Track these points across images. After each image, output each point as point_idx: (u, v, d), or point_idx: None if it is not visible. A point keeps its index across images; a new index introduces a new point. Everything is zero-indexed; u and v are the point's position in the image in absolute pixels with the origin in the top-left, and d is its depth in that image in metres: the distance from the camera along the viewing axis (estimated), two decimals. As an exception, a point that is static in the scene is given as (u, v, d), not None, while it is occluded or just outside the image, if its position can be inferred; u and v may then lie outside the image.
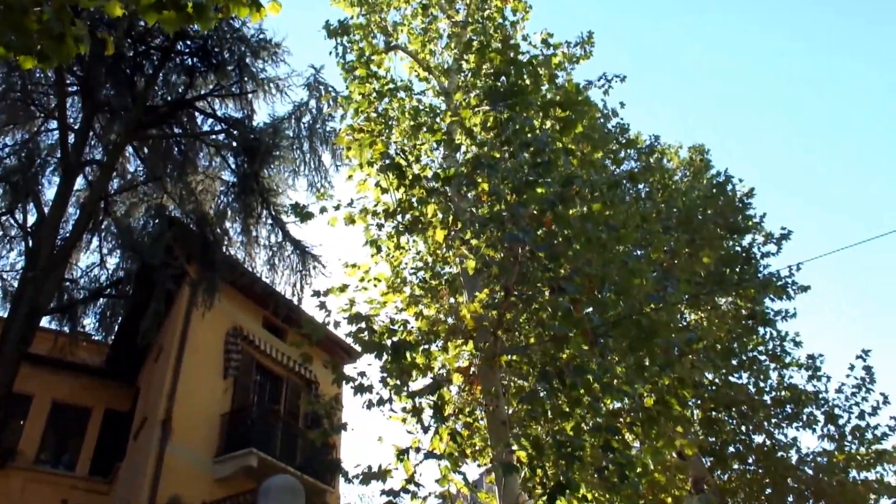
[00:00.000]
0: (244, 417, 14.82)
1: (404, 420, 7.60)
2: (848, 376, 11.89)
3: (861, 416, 11.53)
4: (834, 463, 11.25)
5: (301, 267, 13.64)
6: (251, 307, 16.68)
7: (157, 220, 13.94)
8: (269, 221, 13.76)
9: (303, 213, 7.73)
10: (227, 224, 13.86)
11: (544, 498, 5.91)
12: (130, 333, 14.64)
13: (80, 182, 13.35)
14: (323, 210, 8.26)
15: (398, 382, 6.93)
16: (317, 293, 7.65)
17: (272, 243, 13.93)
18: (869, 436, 11.35)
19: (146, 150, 14.13)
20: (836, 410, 11.69)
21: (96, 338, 16.56)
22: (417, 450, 6.61)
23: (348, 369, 7.29)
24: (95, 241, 14.36)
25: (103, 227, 14.01)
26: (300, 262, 13.67)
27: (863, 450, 11.35)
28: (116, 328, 15.71)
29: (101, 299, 14.43)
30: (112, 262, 14.46)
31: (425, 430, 7.04)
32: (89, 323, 15.01)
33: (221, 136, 13.95)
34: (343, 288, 8.20)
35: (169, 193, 13.96)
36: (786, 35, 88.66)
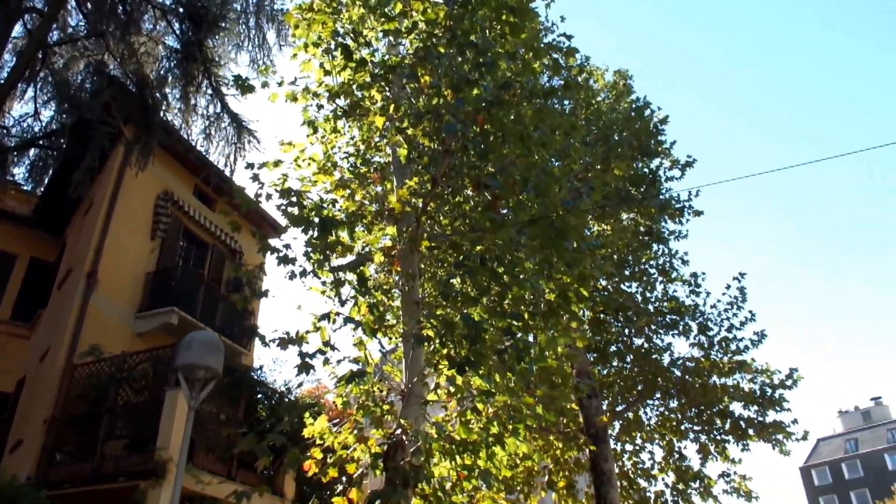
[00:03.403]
0: (168, 278, 14.56)
1: (324, 293, 7.62)
2: (724, 294, 12.59)
3: (729, 329, 12.27)
4: (700, 368, 12.01)
5: (236, 140, 13.15)
6: (183, 174, 16.10)
7: (96, 77, 13.04)
8: (209, 92, 13.10)
9: (244, 86, 7.37)
10: (167, 90, 13.12)
11: (448, 371, 6.10)
12: (61, 186, 13.95)
13: (18, 29, 12.30)
14: (265, 85, 7.91)
15: (321, 257, 6.88)
16: (250, 165, 7.42)
17: (210, 114, 13.33)
18: (733, 347, 12.12)
19: (90, 4, 13.03)
20: (709, 323, 12.39)
21: (26, 188, 15.72)
22: (334, 320, 6.65)
23: (274, 242, 7.15)
24: (31, 92, 13.37)
25: (40, 77, 13.02)
26: (236, 135, 13.17)
27: (726, 359, 12.13)
28: (47, 180, 14.93)
29: (33, 150, 13.60)
30: (47, 114, 13.54)
31: (342, 303, 7.08)
32: (19, 173, 14.20)
33: (168, 0, 13.01)
34: (277, 163, 7.98)
35: (110, 52, 13.00)
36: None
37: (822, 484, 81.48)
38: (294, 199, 6.95)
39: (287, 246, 7.00)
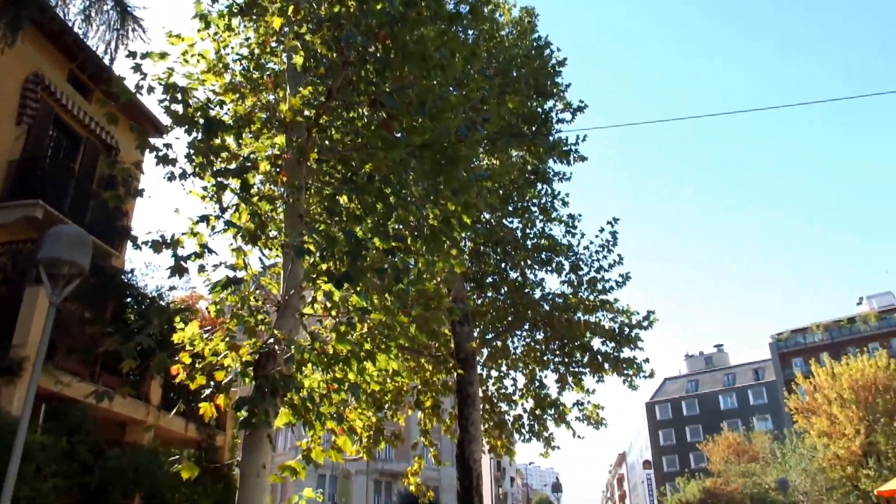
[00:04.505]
0: (35, 168, 13.47)
1: (204, 198, 7.29)
2: (597, 237, 13.16)
3: (598, 270, 12.89)
4: (567, 304, 12.60)
5: (119, 26, 12.06)
6: (58, 58, 14.72)
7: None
8: (90, -33, 11.90)
9: (130, -35, 6.76)
10: (41, -41, 11.81)
11: (326, 286, 6.06)
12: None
13: None
14: (154, -33, 7.28)
15: (204, 161, 6.56)
16: (132, 54, 6.83)
17: (90, -7, 12.13)
18: (599, 287, 12.77)
19: None
20: (581, 263, 12.96)
21: None
22: (213, 227, 6.40)
23: (155, 141, 6.71)
24: None
25: None
26: (119, 20, 12.06)
27: (592, 297, 12.78)
28: None
29: None
30: None
31: (223, 209, 6.81)
32: None
33: None
34: (163, 56, 7.38)
35: None
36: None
37: (664, 419, 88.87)
38: (179, 96, 6.52)
39: (168, 146, 6.60)
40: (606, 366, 12.64)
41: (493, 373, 13.93)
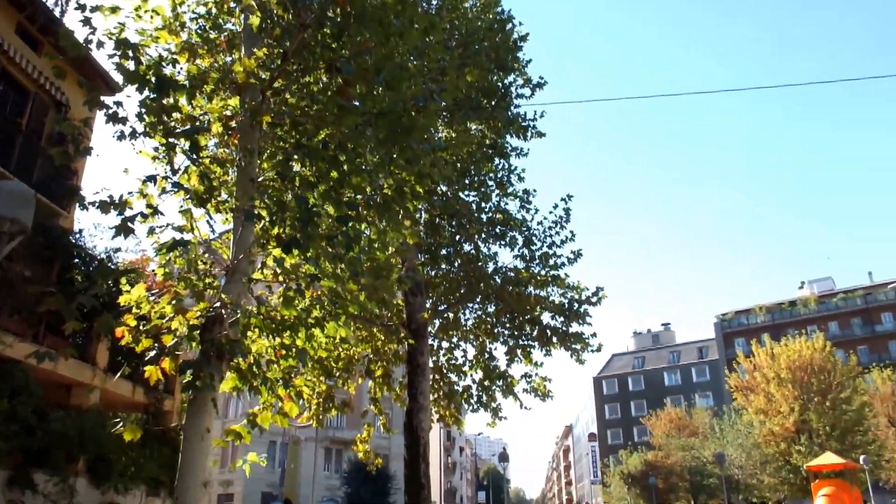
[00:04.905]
0: (-21, 121, 12.96)
1: (155, 158, 7.09)
2: (551, 212, 13.22)
3: (551, 245, 12.98)
4: (519, 278, 12.69)
5: (70, -23, 11.60)
6: (5, 9, 14.07)
7: None
8: (40, -85, 11.37)
9: (80, -89, 6.44)
10: None
11: (276, 252, 5.98)
12: None
13: None
14: (107, -88, 6.94)
15: (156, 120, 6.37)
16: (82, 6, 6.57)
17: (39, -58, 11.61)
18: (551, 262, 12.88)
19: None
20: (534, 238, 13.03)
21: None
22: (163, 188, 6.24)
23: (106, 99, 6.48)
24: None
25: None
26: (70, -29, 11.61)
27: (543, 272, 12.89)
28: None
29: None
30: None
31: (174, 171, 6.65)
32: None
33: None
34: (115, 10, 7.11)
35: None
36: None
37: (610, 393, 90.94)
38: (130, 53, 6.30)
39: (118, 103, 6.39)
40: (555, 340, 12.81)
41: (444, 344, 14.01)
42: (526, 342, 13.14)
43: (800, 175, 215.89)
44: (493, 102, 12.57)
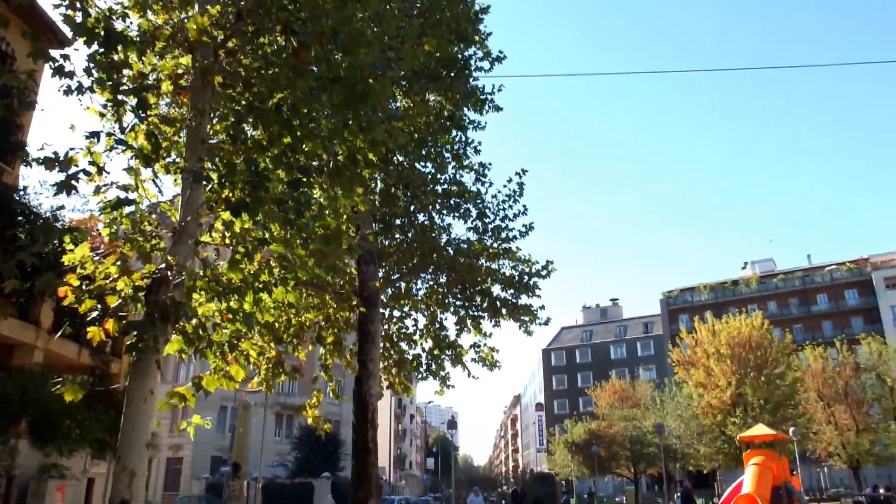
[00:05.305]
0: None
1: (103, 115, 6.85)
2: (505, 186, 13.25)
3: (503, 219, 13.04)
4: (471, 250, 12.73)
5: (15, -78, 10.97)
6: (-56, -49, 13.32)
7: None
8: None
9: None
10: None
11: (225, 215, 5.85)
12: None
13: None
14: None
15: (104, 76, 6.13)
16: (27, -47, 6.25)
17: None
18: (503, 235, 12.95)
19: None
20: (487, 211, 13.06)
21: None
22: (111, 146, 6.03)
23: (52, 52, 6.19)
24: None
25: None
26: (15, -84, 10.97)
27: (495, 245, 12.96)
28: None
29: None
30: None
31: (122, 129, 6.43)
32: None
33: None
34: (61, -42, 6.79)
35: None
36: None
37: (558, 365, 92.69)
38: (79, 4, 6.03)
39: (66, 57, 6.12)
40: (504, 311, 12.93)
41: (396, 313, 14.02)
42: (476, 313, 13.23)
43: (750, 157, 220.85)
44: (453, 74, 12.46)
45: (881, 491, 37.38)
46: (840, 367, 43.55)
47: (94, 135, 5.48)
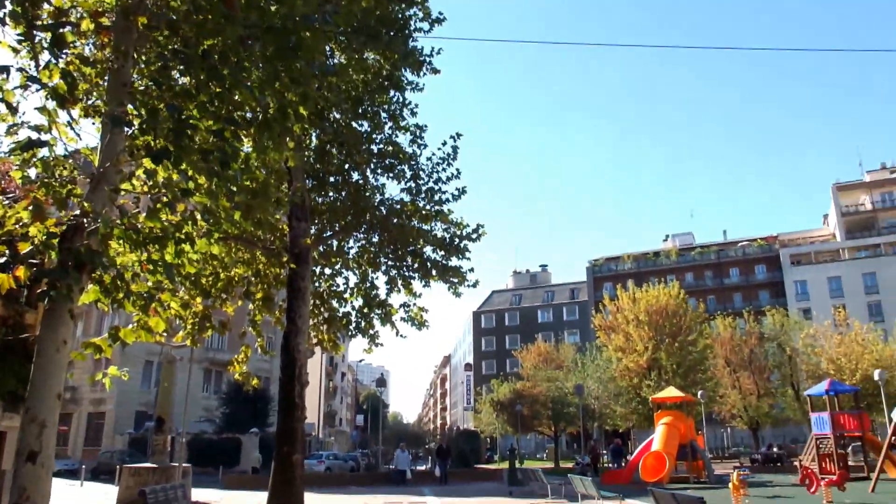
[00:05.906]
0: None
1: (16, 50, 6.36)
2: (439, 149, 13.14)
3: (437, 181, 12.97)
4: (404, 211, 12.64)
5: None
6: None
7: None
8: None
9: None
10: None
11: (147, 163, 5.55)
12: None
13: None
14: None
15: (18, 8, 5.67)
16: None
17: None
18: (436, 198, 12.88)
19: None
20: (421, 173, 12.95)
21: None
22: (25, 84, 5.61)
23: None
24: None
25: None
26: None
27: (428, 207, 12.88)
28: None
29: None
30: None
31: (38, 66, 5.99)
32: None
33: None
34: None
35: None
36: None
37: (488, 327, 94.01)
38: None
39: (-22, -13, 5.62)
40: (434, 272, 12.93)
41: (327, 270, 13.84)
42: (407, 273, 13.18)
43: (678, 132, 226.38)
44: (392, 33, 12.16)
45: (774, 449, 39.89)
46: (746, 336, 45.65)
47: (5, 70, 5.07)
